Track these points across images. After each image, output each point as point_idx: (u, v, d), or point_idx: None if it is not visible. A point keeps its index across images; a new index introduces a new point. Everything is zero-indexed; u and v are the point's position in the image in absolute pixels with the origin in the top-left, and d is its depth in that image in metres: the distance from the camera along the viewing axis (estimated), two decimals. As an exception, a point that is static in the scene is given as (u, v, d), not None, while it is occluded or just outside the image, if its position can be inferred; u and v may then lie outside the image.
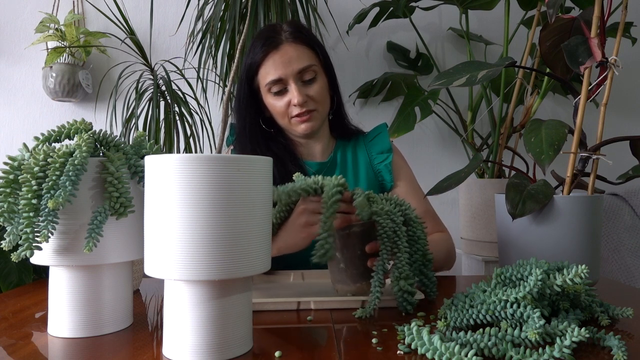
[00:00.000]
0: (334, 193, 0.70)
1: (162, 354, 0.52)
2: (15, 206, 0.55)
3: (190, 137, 1.58)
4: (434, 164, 1.96)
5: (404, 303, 0.68)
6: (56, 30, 1.73)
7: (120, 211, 0.57)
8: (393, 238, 0.69)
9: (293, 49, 1.01)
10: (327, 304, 0.71)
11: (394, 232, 0.69)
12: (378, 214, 0.70)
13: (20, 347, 0.55)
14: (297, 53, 1.01)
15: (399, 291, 0.67)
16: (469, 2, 1.65)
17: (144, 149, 0.65)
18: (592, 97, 0.88)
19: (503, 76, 1.51)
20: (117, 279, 0.61)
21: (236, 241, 0.49)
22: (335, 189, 0.71)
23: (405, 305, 0.68)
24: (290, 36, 1.02)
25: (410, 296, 0.68)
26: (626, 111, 2.03)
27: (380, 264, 0.68)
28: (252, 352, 0.53)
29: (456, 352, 0.47)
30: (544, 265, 0.59)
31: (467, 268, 1.62)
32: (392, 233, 0.69)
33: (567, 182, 0.87)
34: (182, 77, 1.62)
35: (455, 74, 0.90)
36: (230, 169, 0.48)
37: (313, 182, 0.76)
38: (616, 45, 0.89)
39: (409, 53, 1.92)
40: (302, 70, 1.00)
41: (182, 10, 1.71)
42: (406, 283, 0.67)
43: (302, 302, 0.70)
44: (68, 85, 1.75)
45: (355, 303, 0.71)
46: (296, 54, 1.01)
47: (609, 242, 1.70)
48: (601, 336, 0.55)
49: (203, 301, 0.50)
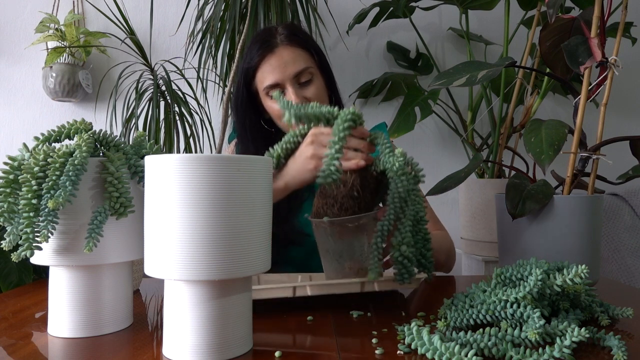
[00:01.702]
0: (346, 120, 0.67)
1: (162, 354, 0.52)
2: (15, 206, 0.55)
3: (190, 137, 1.59)
4: (434, 164, 1.96)
5: (403, 271, 0.64)
6: (56, 30, 1.73)
7: (120, 211, 0.57)
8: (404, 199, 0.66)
9: (288, 52, 1.01)
10: (323, 288, 0.68)
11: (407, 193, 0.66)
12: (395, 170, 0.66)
13: (20, 347, 0.55)
14: (292, 56, 1.01)
15: (399, 256, 0.64)
16: (469, 2, 1.65)
17: (144, 149, 0.65)
18: (592, 97, 0.88)
19: (503, 76, 1.51)
20: (117, 279, 0.61)
21: (236, 241, 0.49)
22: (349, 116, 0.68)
23: (403, 273, 0.64)
24: (285, 39, 1.02)
25: (410, 264, 0.65)
26: (626, 111, 2.03)
27: (385, 223, 0.65)
28: (252, 352, 0.53)
29: (456, 352, 0.47)
30: (544, 265, 0.59)
31: (467, 268, 1.62)
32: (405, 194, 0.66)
33: (567, 182, 0.87)
34: (182, 77, 1.62)
35: (455, 74, 0.90)
36: (230, 169, 0.48)
37: (327, 111, 0.73)
38: (616, 45, 0.89)
39: (409, 53, 1.92)
40: (298, 73, 1.01)
41: (182, 10, 1.71)
42: (408, 249, 0.64)
43: (297, 288, 0.68)
44: (68, 85, 1.75)
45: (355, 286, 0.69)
46: (292, 57, 1.01)
47: (609, 242, 1.70)
48: (601, 336, 0.55)
49: (203, 301, 0.50)
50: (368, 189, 0.70)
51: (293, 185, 0.82)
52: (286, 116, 0.71)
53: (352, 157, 0.71)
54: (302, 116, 0.71)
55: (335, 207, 0.69)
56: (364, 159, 0.70)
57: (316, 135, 0.78)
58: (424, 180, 0.71)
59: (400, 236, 0.65)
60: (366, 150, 0.72)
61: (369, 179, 0.71)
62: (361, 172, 0.70)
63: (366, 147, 0.73)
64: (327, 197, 0.71)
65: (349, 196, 0.69)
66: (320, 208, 0.71)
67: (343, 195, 0.69)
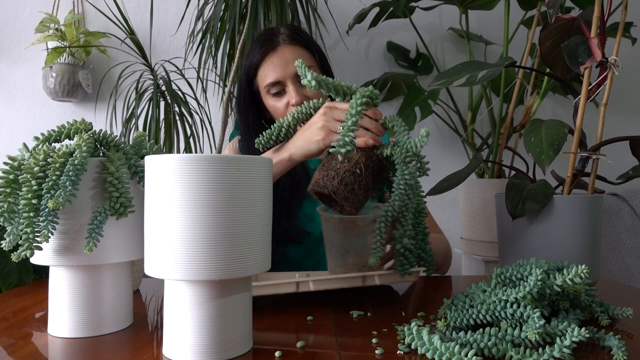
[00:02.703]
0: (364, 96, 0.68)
1: (162, 354, 0.52)
2: (15, 206, 0.55)
3: (190, 137, 1.59)
4: (434, 164, 1.95)
5: (403, 262, 0.65)
6: (56, 30, 1.73)
7: (120, 211, 0.57)
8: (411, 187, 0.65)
9: (290, 51, 1.02)
10: (326, 283, 0.69)
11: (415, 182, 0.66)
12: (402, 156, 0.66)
13: (20, 347, 0.55)
14: (294, 55, 1.02)
15: (400, 248, 0.64)
16: (469, 2, 1.65)
17: (144, 149, 0.65)
18: (592, 97, 0.88)
19: (503, 76, 1.51)
20: (117, 279, 0.61)
21: (236, 241, 0.49)
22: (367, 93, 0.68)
23: (404, 264, 0.65)
24: (287, 38, 1.04)
25: (411, 256, 0.65)
26: (626, 111, 2.03)
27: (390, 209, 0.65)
28: (252, 352, 0.53)
29: (456, 352, 0.47)
30: (544, 265, 0.59)
31: (467, 268, 1.62)
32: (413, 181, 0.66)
33: (567, 182, 0.87)
34: (182, 77, 1.62)
35: (455, 74, 0.90)
36: (230, 169, 0.48)
37: (346, 85, 0.73)
38: (616, 45, 0.89)
39: (409, 53, 1.92)
40: None
41: (182, 10, 1.71)
42: (409, 242, 0.64)
43: (301, 284, 0.68)
44: (68, 85, 1.75)
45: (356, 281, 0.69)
46: (293, 55, 1.02)
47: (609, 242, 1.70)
48: (601, 336, 0.55)
49: (203, 301, 0.50)
50: (370, 170, 0.70)
51: (298, 156, 0.80)
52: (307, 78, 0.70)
53: (361, 135, 0.71)
54: (322, 83, 0.71)
55: (336, 180, 0.68)
56: (374, 139, 0.71)
57: (330, 108, 0.77)
58: (428, 173, 0.71)
59: (402, 229, 0.65)
60: (376, 131, 0.72)
61: (374, 160, 0.71)
62: (367, 151, 0.70)
63: (377, 128, 0.73)
64: (329, 169, 0.70)
65: (351, 172, 0.68)
66: (320, 179, 0.70)
67: (346, 169, 0.68)
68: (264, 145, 0.82)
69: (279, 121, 0.80)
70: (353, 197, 0.68)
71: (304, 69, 0.71)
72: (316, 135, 0.76)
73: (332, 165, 0.70)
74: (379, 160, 0.71)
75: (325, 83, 0.71)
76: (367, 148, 0.71)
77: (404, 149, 0.68)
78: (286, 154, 0.81)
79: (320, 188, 0.69)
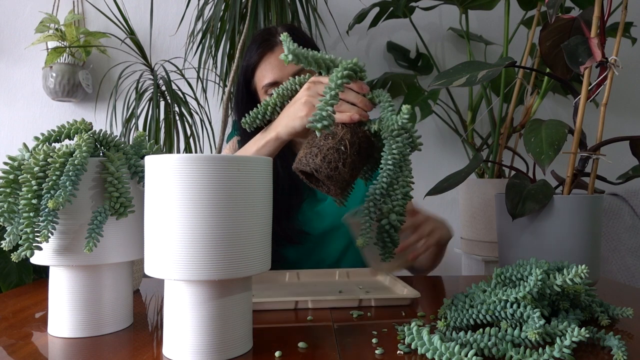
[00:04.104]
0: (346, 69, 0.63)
1: (162, 354, 0.52)
2: (15, 206, 0.55)
3: (190, 137, 1.59)
4: (434, 164, 1.96)
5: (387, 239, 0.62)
6: (56, 30, 1.73)
7: (120, 211, 0.57)
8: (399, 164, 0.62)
9: None
10: (325, 302, 0.71)
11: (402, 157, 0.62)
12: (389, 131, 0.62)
13: (20, 347, 0.55)
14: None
15: (386, 224, 0.61)
16: (469, 2, 1.65)
17: (144, 149, 0.65)
18: (592, 97, 0.88)
19: (503, 76, 1.51)
20: (117, 279, 0.61)
21: (236, 241, 0.49)
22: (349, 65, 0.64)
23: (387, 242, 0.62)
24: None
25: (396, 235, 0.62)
26: (626, 111, 2.03)
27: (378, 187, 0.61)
28: (252, 352, 0.53)
29: (456, 352, 0.47)
30: (544, 265, 0.59)
31: (467, 268, 1.62)
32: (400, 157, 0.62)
33: (567, 182, 0.87)
34: (182, 77, 1.62)
35: (455, 74, 0.90)
36: (231, 169, 0.48)
37: (329, 58, 0.68)
38: (616, 45, 0.89)
39: (409, 53, 1.92)
40: (297, 72, 1.01)
41: (182, 10, 1.71)
42: (397, 218, 0.61)
43: (299, 302, 0.70)
44: (68, 85, 1.75)
45: (352, 302, 0.71)
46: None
47: (609, 242, 1.70)
48: (601, 336, 0.55)
49: (203, 301, 0.50)
50: (356, 147, 0.66)
51: (284, 134, 0.78)
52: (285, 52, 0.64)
53: (346, 109, 0.67)
54: (301, 56, 0.65)
55: (318, 157, 0.65)
56: (359, 113, 0.67)
57: (314, 83, 0.74)
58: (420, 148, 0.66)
59: (392, 203, 0.61)
60: (362, 106, 0.68)
61: (361, 137, 0.67)
62: (353, 127, 0.66)
63: (363, 103, 0.69)
64: (312, 147, 0.66)
65: (334, 149, 0.65)
66: (303, 157, 0.67)
67: (329, 147, 0.65)
68: (249, 125, 0.78)
69: (264, 101, 0.77)
70: (337, 175, 0.65)
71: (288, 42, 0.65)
72: (300, 112, 0.73)
73: (316, 142, 0.66)
74: (366, 137, 0.67)
75: (304, 56, 0.65)
76: (353, 124, 0.67)
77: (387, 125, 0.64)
78: (273, 133, 0.79)
79: (303, 166, 0.66)
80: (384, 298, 0.72)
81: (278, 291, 0.79)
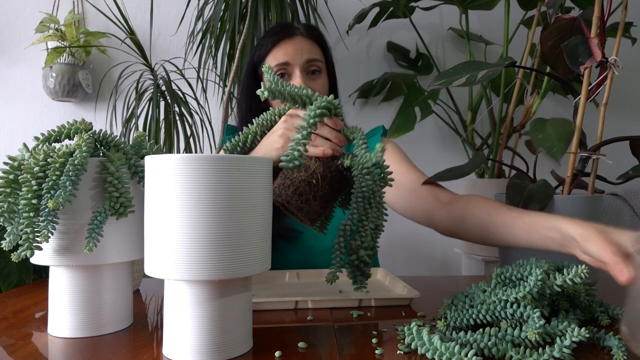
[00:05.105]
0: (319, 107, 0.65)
1: (162, 354, 0.52)
2: (15, 206, 0.55)
3: (190, 137, 1.59)
4: (434, 164, 1.95)
5: (357, 273, 0.62)
6: (56, 30, 1.73)
7: (120, 211, 0.57)
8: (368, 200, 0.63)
9: (306, 42, 1.04)
10: (325, 302, 0.71)
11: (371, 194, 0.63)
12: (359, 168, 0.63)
13: (20, 347, 0.55)
14: (309, 45, 1.04)
15: (355, 260, 0.62)
16: (469, 2, 1.65)
17: (144, 149, 0.65)
18: (592, 97, 0.88)
19: (503, 76, 1.51)
20: (117, 279, 0.61)
21: (236, 241, 0.49)
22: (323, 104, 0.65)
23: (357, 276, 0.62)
24: (304, 31, 1.06)
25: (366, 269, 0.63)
26: (626, 111, 2.03)
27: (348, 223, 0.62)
28: (252, 352, 0.53)
29: (456, 352, 0.47)
30: (544, 265, 0.59)
31: (467, 268, 1.61)
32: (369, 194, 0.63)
33: (567, 182, 0.87)
34: (182, 77, 1.62)
35: (455, 74, 0.90)
36: (231, 169, 0.48)
37: (305, 94, 0.69)
38: (616, 45, 0.89)
39: (409, 53, 1.92)
40: (311, 60, 1.02)
41: (182, 10, 1.71)
42: (365, 253, 0.61)
43: (300, 302, 0.70)
44: (68, 85, 1.75)
45: (353, 302, 0.71)
46: (308, 46, 1.03)
47: (609, 242, 1.69)
48: (601, 336, 0.55)
49: (203, 301, 0.50)
50: (328, 181, 0.67)
51: None
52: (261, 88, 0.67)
53: (320, 144, 0.68)
54: (277, 92, 0.66)
55: (290, 189, 0.66)
56: (332, 148, 0.68)
57: (291, 116, 0.75)
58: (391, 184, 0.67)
59: (360, 239, 0.62)
60: (337, 142, 0.70)
61: (333, 171, 0.68)
62: (326, 161, 0.68)
63: (337, 138, 0.70)
64: (285, 178, 0.68)
65: (306, 182, 0.66)
66: (276, 187, 0.68)
67: (301, 179, 0.66)
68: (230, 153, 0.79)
69: (245, 130, 0.79)
70: (308, 208, 0.66)
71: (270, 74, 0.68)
72: (276, 143, 0.74)
73: (289, 174, 0.67)
74: (338, 171, 0.68)
75: (280, 93, 0.67)
76: (327, 158, 0.68)
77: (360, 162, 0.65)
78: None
79: (275, 196, 0.67)
80: (384, 298, 0.72)
81: (278, 291, 0.79)
